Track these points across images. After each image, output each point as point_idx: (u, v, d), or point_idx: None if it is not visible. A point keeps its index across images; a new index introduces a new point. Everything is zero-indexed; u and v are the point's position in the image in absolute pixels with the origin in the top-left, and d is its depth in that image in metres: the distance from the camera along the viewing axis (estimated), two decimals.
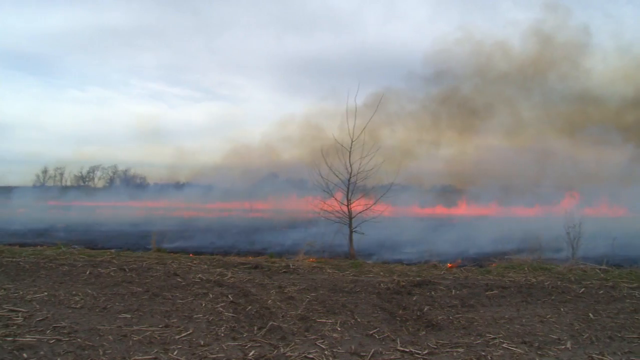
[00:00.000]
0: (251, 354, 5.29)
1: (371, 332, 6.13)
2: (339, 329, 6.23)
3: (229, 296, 7.67)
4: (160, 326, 6.16)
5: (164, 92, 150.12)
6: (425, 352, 5.45)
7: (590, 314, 7.00)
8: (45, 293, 7.60)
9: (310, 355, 5.28)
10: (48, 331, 5.80)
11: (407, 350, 5.49)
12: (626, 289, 8.50)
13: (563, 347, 5.67)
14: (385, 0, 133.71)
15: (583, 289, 8.45)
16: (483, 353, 5.42)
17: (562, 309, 7.28)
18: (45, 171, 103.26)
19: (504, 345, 5.69)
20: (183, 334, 5.88)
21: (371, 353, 5.39)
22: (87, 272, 9.10)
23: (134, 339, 5.66)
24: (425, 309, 7.20)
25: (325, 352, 5.40)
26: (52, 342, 5.44)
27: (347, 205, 14.53)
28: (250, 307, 7.07)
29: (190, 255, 12.78)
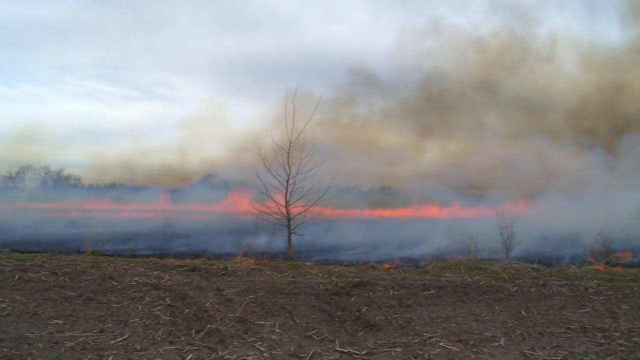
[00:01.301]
0: (189, 357, 5.20)
1: (310, 333, 6.12)
2: (278, 330, 6.19)
3: (166, 299, 7.50)
4: (94, 331, 5.96)
5: (100, 91, 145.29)
6: (364, 352, 5.48)
7: (522, 312, 7.21)
8: None
9: (249, 358, 5.23)
10: None
11: (346, 350, 5.51)
12: (555, 286, 8.81)
13: (497, 344, 5.82)
14: (326, 2, 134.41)
15: (516, 288, 8.70)
16: (420, 352, 5.50)
17: (496, 307, 7.48)
18: None
19: (440, 343, 5.78)
20: (118, 339, 5.71)
21: (310, 354, 5.39)
22: (16, 277, 8.68)
23: (67, 345, 5.45)
24: (364, 309, 7.25)
25: (264, 355, 5.36)
26: None
27: (286, 207, 14.48)
28: (187, 310, 6.94)
29: (129, 258, 12.43)
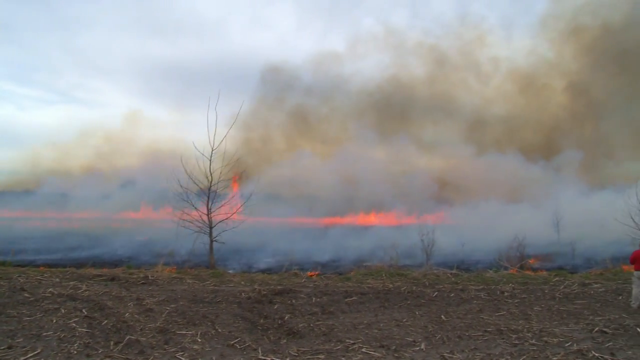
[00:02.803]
0: None
1: (232, 342, 6.03)
2: (200, 340, 6.07)
3: (83, 310, 7.20)
4: (2, 347, 5.64)
5: (11, 92, 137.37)
6: None
7: (442, 316, 7.38)
8: None
9: None
10: None
11: (269, 358, 5.46)
12: (473, 291, 9.10)
13: (418, 348, 5.92)
14: (251, 10, 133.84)
15: (436, 293, 8.91)
16: (343, 358, 5.52)
17: (417, 313, 7.62)
18: None
19: (363, 349, 5.83)
20: (30, 355, 5.42)
21: None
22: None
23: None
24: (286, 317, 7.22)
25: None
26: None
27: (208, 214, 14.21)
28: (106, 322, 6.68)
29: (40, 268, 11.84)
